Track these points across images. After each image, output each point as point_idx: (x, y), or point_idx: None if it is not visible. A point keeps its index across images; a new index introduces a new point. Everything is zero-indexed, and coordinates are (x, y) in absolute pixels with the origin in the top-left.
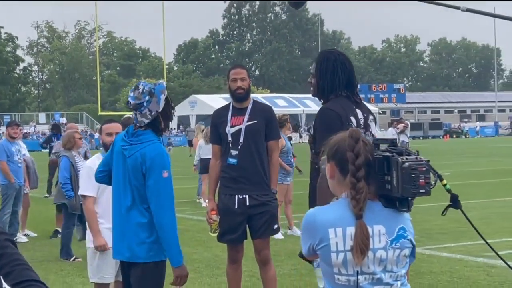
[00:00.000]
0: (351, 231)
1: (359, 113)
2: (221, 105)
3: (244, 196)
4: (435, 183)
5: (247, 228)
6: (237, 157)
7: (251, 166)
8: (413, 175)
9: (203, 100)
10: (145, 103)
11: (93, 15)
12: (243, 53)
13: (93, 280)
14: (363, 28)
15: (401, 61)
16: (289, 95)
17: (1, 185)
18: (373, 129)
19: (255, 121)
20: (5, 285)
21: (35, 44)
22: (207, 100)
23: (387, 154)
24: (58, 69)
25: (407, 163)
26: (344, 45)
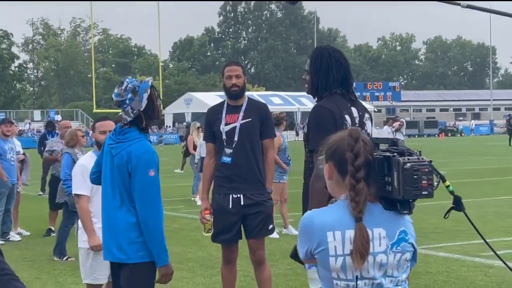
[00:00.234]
0: (351, 234)
1: (354, 111)
2: (216, 102)
3: (238, 195)
4: (437, 184)
5: (242, 228)
6: (232, 156)
7: (245, 164)
8: (415, 177)
9: (199, 97)
10: (127, 101)
11: (89, 12)
12: (239, 51)
13: (86, 281)
14: (359, 26)
15: (396, 59)
16: (284, 93)
17: None
18: (369, 127)
19: (250, 119)
20: None
21: (30, 41)
22: (203, 97)
23: (388, 154)
24: (53, 66)
25: (409, 164)
26: (339, 43)
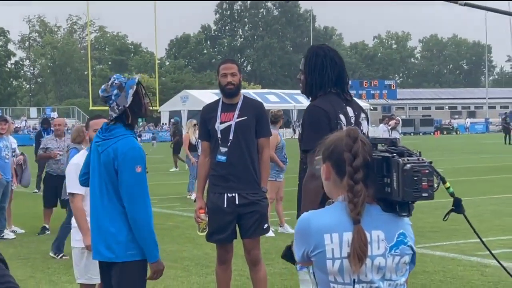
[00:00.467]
0: (348, 237)
1: (350, 111)
2: (212, 100)
3: (233, 194)
4: (438, 186)
5: (237, 227)
6: (227, 155)
7: (241, 163)
8: (416, 178)
9: (195, 95)
10: (113, 97)
11: (85, 9)
12: (235, 49)
13: (80, 281)
14: (355, 24)
15: (392, 57)
16: (280, 91)
17: None
18: (365, 127)
19: (246, 118)
20: None
21: (26, 38)
22: (199, 95)
23: (387, 154)
24: (49, 64)
25: (409, 165)
26: (335, 41)
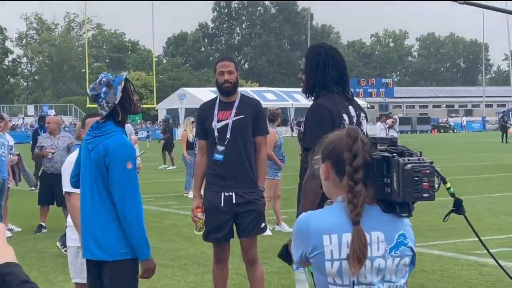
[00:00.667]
0: (348, 238)
1: (352, 110)
2: (210, 98)
3: (230, 193)
4: (438, 186)
5: (234, 226)
6: (224, 153)
7: (238, 162)
8: (416, 178)
9: (192, 93)
10: (102, 94)
11: (83, 7)
12: (233, 47)
13: (76, 280)
14: (352, 22)
15: (389, 55)
16: (278, 89)
17: None
18: (365, 127)
19: (243, 116)
20: None
21: (24, 35)
22: (196, 93)
23: (387, 154)
24: (47, 61)
25: (409, 165)
26: (333, 39)
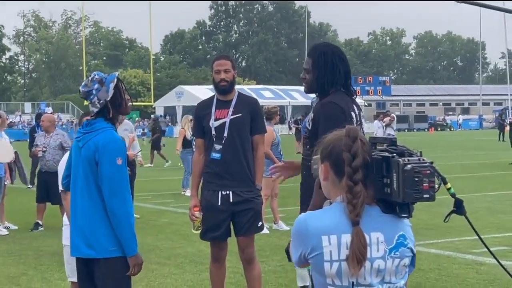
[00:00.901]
0: (347, 239)
1: (356, 109)
2: (207, 96)
3: (227, 192)
4: (439, 186)
5: (231, 225)
6: (221, 152)
7: (235, 161)
8: (416, 179)
9: (190, 90)
10: (94, 91)
11: (80, 4)
12: (230, 44)
13: (71, 279)
14: (350, 20)
15: (387, 53)
16: (275, 87)
17: None
18: (364, 126)
19: (240, 114)
20: None
21: (21, 33)
22: (194, 91)
23: (387, 154)
24: (44, 59)
25: (409, 165)
26: (330, 37)
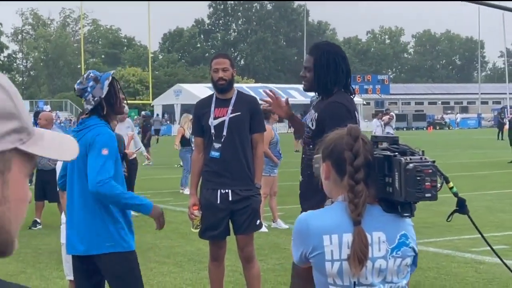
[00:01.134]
0: (348, 238)
1: (357, 108)
2: (206, 94)
3: (226, 190)
4: (441, 186)
5: (230, 224)
6: (220, 150)
7: (234, 159)
8: (418, 178)
9: (188, 89)
10: (89, 88)
11: (78, 2)
12: (229, 43)
13: (70, 277)
14: (348, 19)
15: (385, 52)
16: (274, 85)
17: None
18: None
19: (239, 113)
20: None
21: (19, 31)
22: (192, 89)
23: (388, 153)
24: (42, 57)
25: (411, 164)
26: (329, 36)
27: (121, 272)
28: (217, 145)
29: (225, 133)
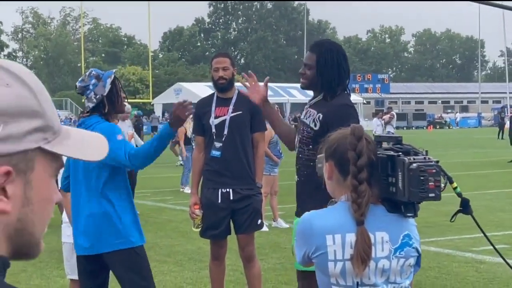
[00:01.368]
0: (351, 238)
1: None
2: (206, 93)
3: (227, 190)
4: (445, 186)
5: (231, 223)
6: (221, 150)
7: (235, 159)
8: (422, 178)
9: (188, 88)
10: (91, 86)
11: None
12: (229, 42)
13: (71, 276)
14: (349, 18)
15: (385, 51)
16: (274, 84)
17: None
18: None
19: (240, 112)
20: None
21: (20, 29)
22: (192, 88)
23: (392, 153)
24: (42, 55)
25: (415, 164)
26: (329, 35)
27: (132, 268)
28: (218, 144)
29: (226, 132)
